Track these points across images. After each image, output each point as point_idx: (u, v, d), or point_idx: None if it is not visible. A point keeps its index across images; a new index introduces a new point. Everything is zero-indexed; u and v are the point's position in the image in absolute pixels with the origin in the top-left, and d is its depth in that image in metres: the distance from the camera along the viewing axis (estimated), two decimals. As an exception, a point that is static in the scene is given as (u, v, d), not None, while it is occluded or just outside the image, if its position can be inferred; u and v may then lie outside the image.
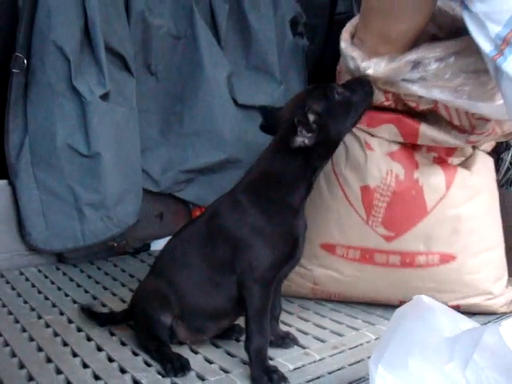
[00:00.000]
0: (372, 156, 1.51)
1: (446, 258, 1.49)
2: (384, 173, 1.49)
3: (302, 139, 1.20)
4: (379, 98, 1.50)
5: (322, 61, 2.34)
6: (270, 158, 1.29)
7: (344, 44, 1.51)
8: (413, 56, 1.38)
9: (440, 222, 1.48)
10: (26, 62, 1.72)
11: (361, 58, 1.45)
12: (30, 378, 1.23)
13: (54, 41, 1.70)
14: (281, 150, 1.26)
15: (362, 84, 1.34)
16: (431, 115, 1.51)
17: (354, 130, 1.52)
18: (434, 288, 1.50)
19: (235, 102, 2.11)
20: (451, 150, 1.54)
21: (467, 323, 1.12)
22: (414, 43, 1.41)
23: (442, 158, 1.53)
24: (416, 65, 1.38)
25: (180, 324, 1.32)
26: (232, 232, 1.26)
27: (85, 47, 1.75)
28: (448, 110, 1.46)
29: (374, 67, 1.42)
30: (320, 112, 1.23)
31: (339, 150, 1.48)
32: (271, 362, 1.29)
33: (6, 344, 1.37)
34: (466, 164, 1.55)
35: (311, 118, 1.21)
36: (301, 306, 1.65)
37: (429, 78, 1.37)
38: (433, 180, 1.49)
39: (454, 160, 1.55)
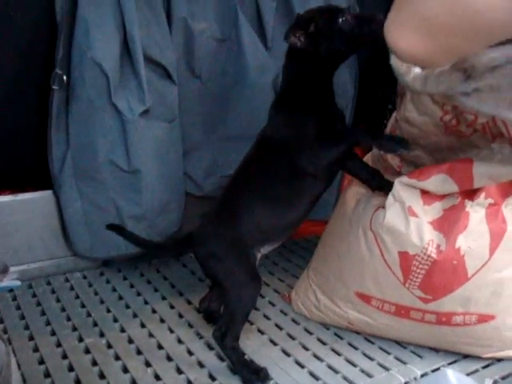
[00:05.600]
0: (415, 223, 1.40)
1: (485, 318, 1.41)
2: (425, 242, 1.39)
3: (296, 41, 1.37)
4: (437, 113, 1.41)
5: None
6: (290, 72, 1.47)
7: (393, 58, 1.30)
8: (462, 65, 1.20)
9: (480, 286, 1.39)
10: (65, 78, 1.70)
11: (408, 73, 1.26)
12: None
13: (93, 57, 1.65)
14: (293, 60, 1.45)
15: (373, 22, 1.35)
16: (486, 148, 1.42)
17: (399, 193, 1.43)
18: (470, 343, 1.46)
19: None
20: (507, 190, 1.43)
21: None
22: None
23: (497, 203, 1.40)
24: (468, 75, 1.19)
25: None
26: (292, 147, 1.43)
27: (124, 61, 1.70)
28: (506, 125, 1.35)
29: (424, 85, 1.25)
30: (320, 27, 1.37)
31: (377, 211, 1.45)
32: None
33: (48, 374, 1.42)
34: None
35: (311, 27, 1.36)
36: (336, 334, 1.64)
37: (483, 89, 1.20)
38: (477, 246, 1.37)
39: (510, 201, 1.42)
